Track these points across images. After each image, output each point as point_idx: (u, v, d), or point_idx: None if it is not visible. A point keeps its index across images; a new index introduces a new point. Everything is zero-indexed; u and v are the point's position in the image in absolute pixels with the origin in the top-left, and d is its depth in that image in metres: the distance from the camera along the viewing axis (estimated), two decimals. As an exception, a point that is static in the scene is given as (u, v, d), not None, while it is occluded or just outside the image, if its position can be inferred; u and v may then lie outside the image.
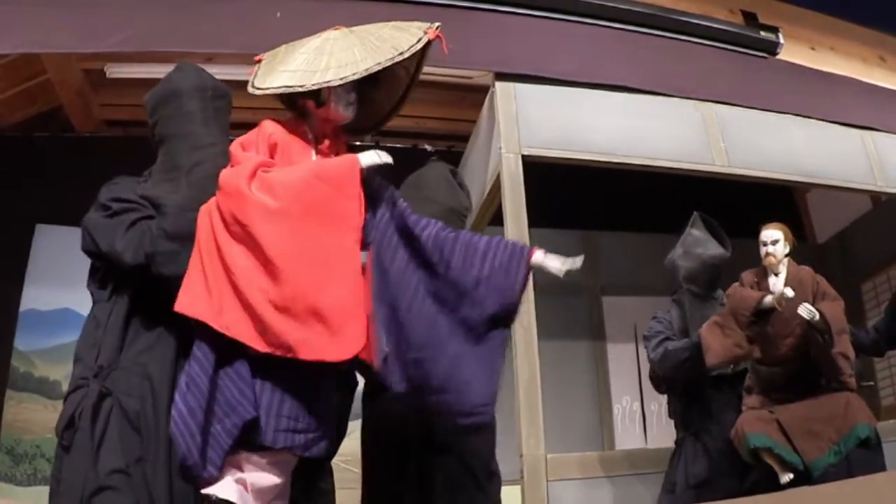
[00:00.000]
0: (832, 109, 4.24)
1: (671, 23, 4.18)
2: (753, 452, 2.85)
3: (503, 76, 3.60)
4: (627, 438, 4.78)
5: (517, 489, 2.96)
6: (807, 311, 2.86)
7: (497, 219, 3.52)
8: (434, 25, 2.00)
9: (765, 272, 3.09)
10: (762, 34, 4.44)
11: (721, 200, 4.22)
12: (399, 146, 4.56)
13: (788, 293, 2.90)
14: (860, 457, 2.77)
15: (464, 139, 4.33)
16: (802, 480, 2.73)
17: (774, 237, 3.08)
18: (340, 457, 1.96)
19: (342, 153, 2.06)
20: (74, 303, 4.13)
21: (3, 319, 4.24)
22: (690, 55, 4.19)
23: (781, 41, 4.44)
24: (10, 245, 4.32)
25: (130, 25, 3.30)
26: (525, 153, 3.42)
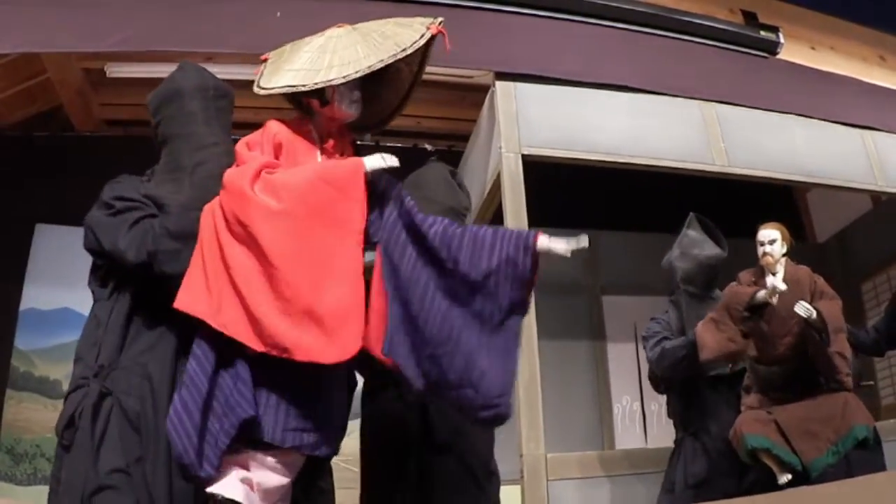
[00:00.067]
0: (832, 109, 4.24)
1: (671, 22, 4.18)
2: (752, 453, 2.85)
3: (503, 76, 3.60)
4: (627, 438, 4.77)
5: (517, 489, 2.96)
6: (804, 310, 2.86)
7: (497, 218, 3.51)
8: (437, 21, 1.99)
9: (762, 272, 3.09)
10: (762, 34, 4.44)
11: (721, 200, 4.23)
12: (399, 145, 4.55)
13: (780, 286, 2.92)
14: (860, 457, 2.77)
15: (464, 139, 4.33)
16: (801, 481, 2.72)
17: (771, 237, 3.08)
18: (340, 456, 1.95)
19: (348, 152, 2.06)
20: (74, 302, 4.14)
21: (3, 319, 4.24)
22: (690, 55, 4.18)
23: (782, 41, 4.44)
24: (10, 244, 4.32)
25: (130, 25, 3.30)
26: (525, 153, 3.42)
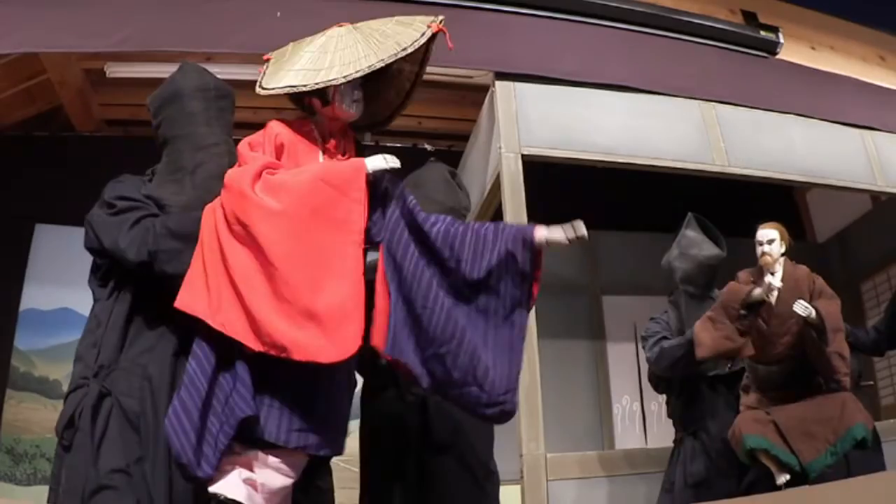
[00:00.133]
0: (832, 109, 4.24)
1: (671, 22, 4.17)
2: (750, 453, 2.86)
3: (503, 76, 3.60)
4: (627, 438, 4.77)
5: (517, 489, 2.96)
6: (802, 308, 2.86)
7: (497, 218, 3.50)
8: (438, 19, 1.99)
9: (761, 271, 3.09)
10: (762, 34, 4.43)
11: (721, 200, 4.23)
12: (399, 145, 4.55)
13: (775, 282, 2.93)
14: (859, 457, 2.77)
15: (463, 138, 4.32)
16: (799, 481, 2.73)
17: (770, 236, 3.08)
18: (340, 456, 1.95)
19: (350, 151, 2.06)
20: (74, 302, 4.14)
21: (3, 319, 4.23)
22: (690, 55, 4.18)
23: (781, 41, 4.43)
24: (10, 244, 4.33)
25: (130, 25, 3.29)
26: (525, 153, 3.41)
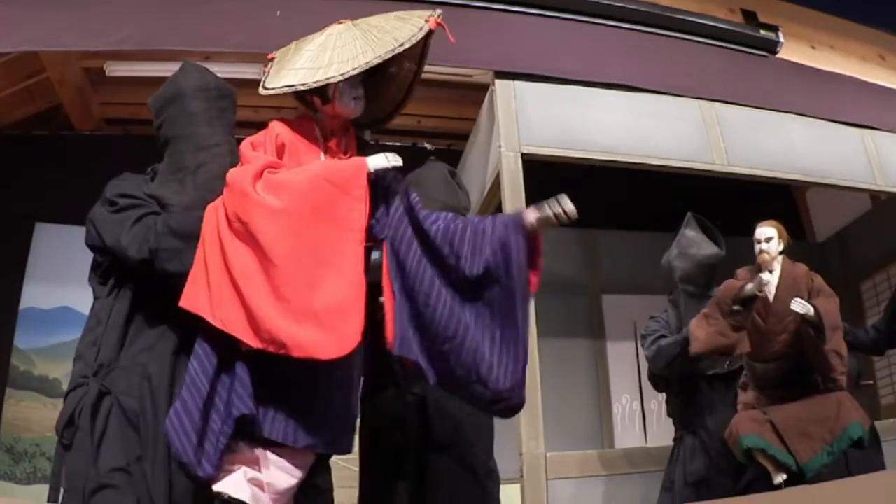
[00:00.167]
0: (832, 108, 4.23)
1: (670, 21, 4.17)
2: (747, 453, 2.87)
3: (503, 74, 3.60)
4: (627, 437, 4.78)
5: (517, 488, 2.96)
6: (800, 306, 2.86)
7: (497, 217, 3.51)
8: (436, 13, 1.97)
9: (759, 269, 3.10)
10: (762, 33, 4.43)
11: (721, 199, 4.23)
12: (399, 144, 4.55)
13: (765, 278, 2.94)
14: (858, 457, 2.77)
15: (463, 137, 4.32)
16: (796, 481, 2.73)
17: (768, 234, 3.09)
18: (339, 455, 1.95)
19: (352, 149, 2.06)
20: (74, 301, 4.14)
21: (3, 318, 4.23)
22: (690, 54, 4.18)
23: (781, 40, 4.43)
24: (10, 243, 4.33)
25: (130, 24, 3.29)
26: (524, 151, 3.41)
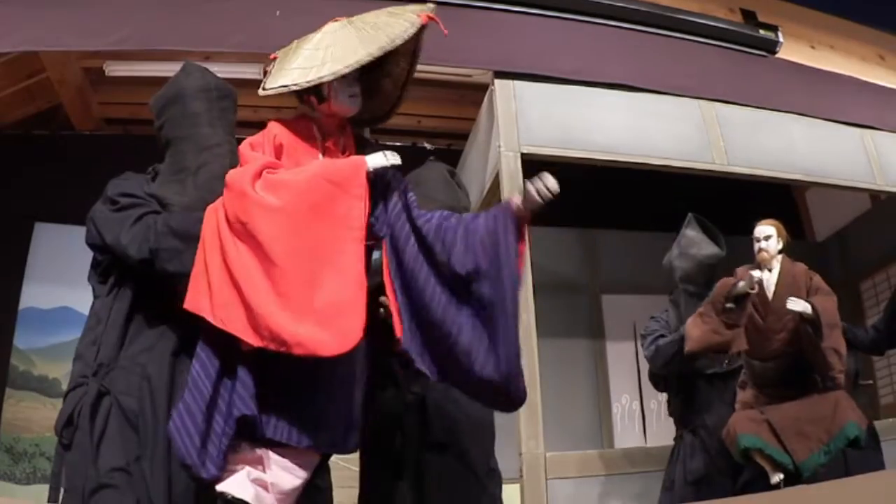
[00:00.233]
0: (831, 108, 4.24)
1: (670, 21, 4.18)
2: (744, 453, 2.87)
3: (502, 74, 3.60)
4: (627, 437, 4.78)
5: (517, 487, 2.97)
6: (797, 304, 2.87)
7: (496, 217, 3.51)
8: (428, 7, 1.95)
9: (758, 268, 3.10)
10: (762, 32, 4.43)
11: (721, 199, 4.23)
12: (398, 144, 4.55)
13: (756, 275, 2.94)
14: (858, 457, 2.77)
15: (463, 137, 4.32)
16: (793, 481, 2.74)
17: (767, 233, 3.10)
18: (338, 454, 1.95)
19: (350, 148, 2.06)
20: (74, 301, 4.14)
21: (3, 317, 4.23)
22: (690, 53, 4.18)
23: (781, 39, 4.43)
24: (10, 243, 4.32)
25: (129, 24, 3.30)
26: (524, 151, 3.42)
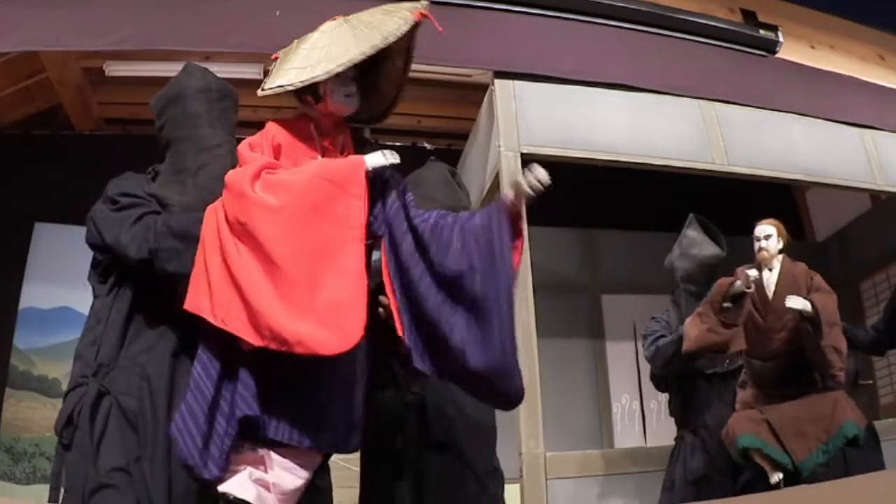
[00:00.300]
0: (831, 108, 4.24)
1: (670, 21, 4.17)
2: (744, 453, 2.87)
3: (502, 74, 3.60)
4: (626, 437, 4.78)
5: (516, 487, 2.96)
6: (797, 302, 2.87)
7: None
8: (422, 4, 1.94)
9: (759, 268, 3.10)
10: (762, 32, 4.43)
11: (721, 199, 4.23)
12: (398, 144, 4.55)
13: (752, 273, 2.95)
14: (857, 457, 2.77)
15: (463, 137, 4.32)
16: (793, 480, 2.74)
17: (767, 232, 3.10)
18: (339, 455, 1.95)
19: (349, 148, 2.06)
20: (74, 301, 4.14)
21: (3, 318, 4.23)
22: (689, 53, 4.18)
23: (781, 39, 4.43)
24: (10, 243, 4.32)
25: (129, 24, 3.29)
26: (524, 151, 3.41)
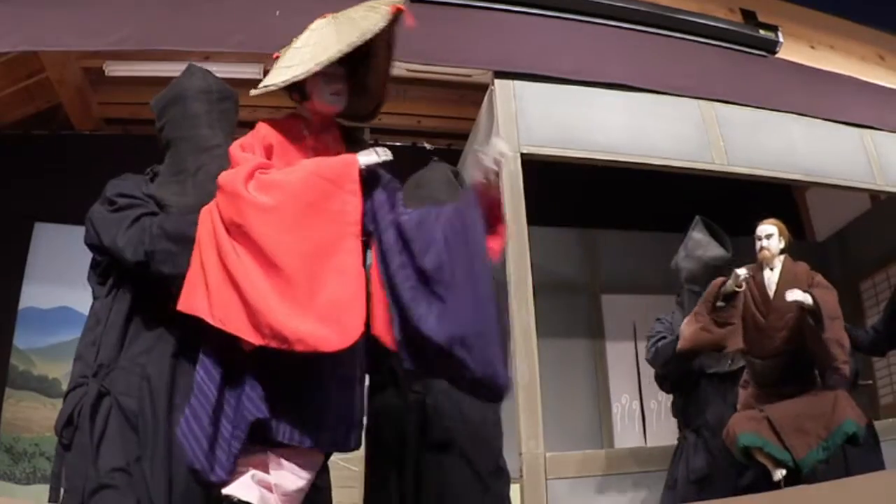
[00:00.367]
0: (831, 108, 4.24)
1: (670, 21, 4.18)
2: (745, 451, 2.88)
3: (502, 74, 3.60)
4: (626, 437, 4.78)
5: (516, 487, 2.96)
6: (797, 295, 2.87)
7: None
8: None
9: (760, 267, 3.11)
10: (761, 33, 4.43)
11: (721, 199, 4.23)
12: (398, 144, 4.55)
13: (742, 272, 2.97)
14: (858, 456, 2.78)
15: (463, 137, 4.33)
16: (795, 477, 2.75)
17: (769, 232, 3.11)
18: (339, 454, 1.95)
19: (339, 146, 2.04)
20: (73, 301, 4.14)
21: (3, 317, 4.23)
22: (690, 54, 4.18)
23: (781, 39, 4.43)
24: (10, 243, 4.32)
25: (129, 24, 3.30)
26: (524, 151, 3.42)
